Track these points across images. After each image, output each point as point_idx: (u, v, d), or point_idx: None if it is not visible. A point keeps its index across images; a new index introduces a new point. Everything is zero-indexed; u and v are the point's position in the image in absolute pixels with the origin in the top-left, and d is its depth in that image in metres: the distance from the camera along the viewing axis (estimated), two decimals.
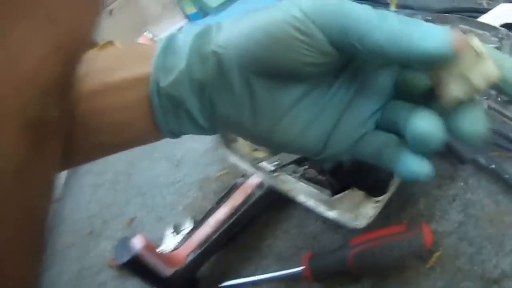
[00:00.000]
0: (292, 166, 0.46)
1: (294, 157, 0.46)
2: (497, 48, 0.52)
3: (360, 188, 0.43)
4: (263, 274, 0.46)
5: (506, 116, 0.51)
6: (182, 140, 0.29)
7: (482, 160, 0.48)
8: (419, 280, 0.44)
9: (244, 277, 0.47)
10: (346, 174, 0.43)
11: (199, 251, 0.47)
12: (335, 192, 0.43)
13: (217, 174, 0.57)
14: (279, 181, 0.46)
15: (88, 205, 0.67)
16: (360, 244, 0.42)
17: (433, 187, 0.50)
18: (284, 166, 0.46)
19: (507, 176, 0.47)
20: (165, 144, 0.60)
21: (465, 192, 0.48)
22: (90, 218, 0.64)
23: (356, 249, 0.42)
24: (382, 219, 0.47)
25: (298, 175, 0.45)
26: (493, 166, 0.48)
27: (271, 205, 0.50)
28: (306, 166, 0.45)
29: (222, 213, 0.48)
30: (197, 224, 0.49)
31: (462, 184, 0.49)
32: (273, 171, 0.46)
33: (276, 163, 0.46)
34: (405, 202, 0.49)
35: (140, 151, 0.44)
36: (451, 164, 0.51)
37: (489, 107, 0.51)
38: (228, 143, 0.51)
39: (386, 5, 0.59)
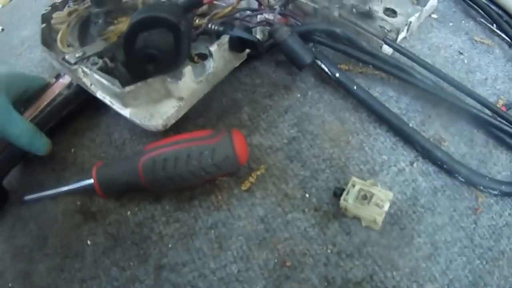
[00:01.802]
0: (94, 58, 0.39)
1: (98, 48, 0.40)
2: None
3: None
4: (62, 186, 0.40)
5: (360, 27, 0.44)
6: None
7: (325, 67, 0.42)
8: (233, 205, 0.36)
9: (48, 189, 0.41)
10: (140, 62, 0.36)
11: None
12: (127, 83, 0.36)
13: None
14: (80, 74, 0.39)
15: None
16: (153, 150, 0.35)
17: (262, 95, 0.43)
18: (86, 58, 0.39)
19: (355, 87, 0.40)
20: None
21: (302, 105, 0.42)
22: None
23: (147, 156, 0.35)
24: (193, 126, 0.41)
25: (96, 66, 0.38)
26: (337, 74, 0.41)
27: (81, 108, 0.44)
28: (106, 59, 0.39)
29: (26, 116, 0.41)
30: None
31: (299, 95, 0.43)
32: (74, 63, 0.39)
33: (79, 55, 0.39)
34: (226, 109, 0.42)
35: None
36: (288, 73, 0.44)
37: (341, 16, 0.45)
38: (47, 41, 0.44)
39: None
